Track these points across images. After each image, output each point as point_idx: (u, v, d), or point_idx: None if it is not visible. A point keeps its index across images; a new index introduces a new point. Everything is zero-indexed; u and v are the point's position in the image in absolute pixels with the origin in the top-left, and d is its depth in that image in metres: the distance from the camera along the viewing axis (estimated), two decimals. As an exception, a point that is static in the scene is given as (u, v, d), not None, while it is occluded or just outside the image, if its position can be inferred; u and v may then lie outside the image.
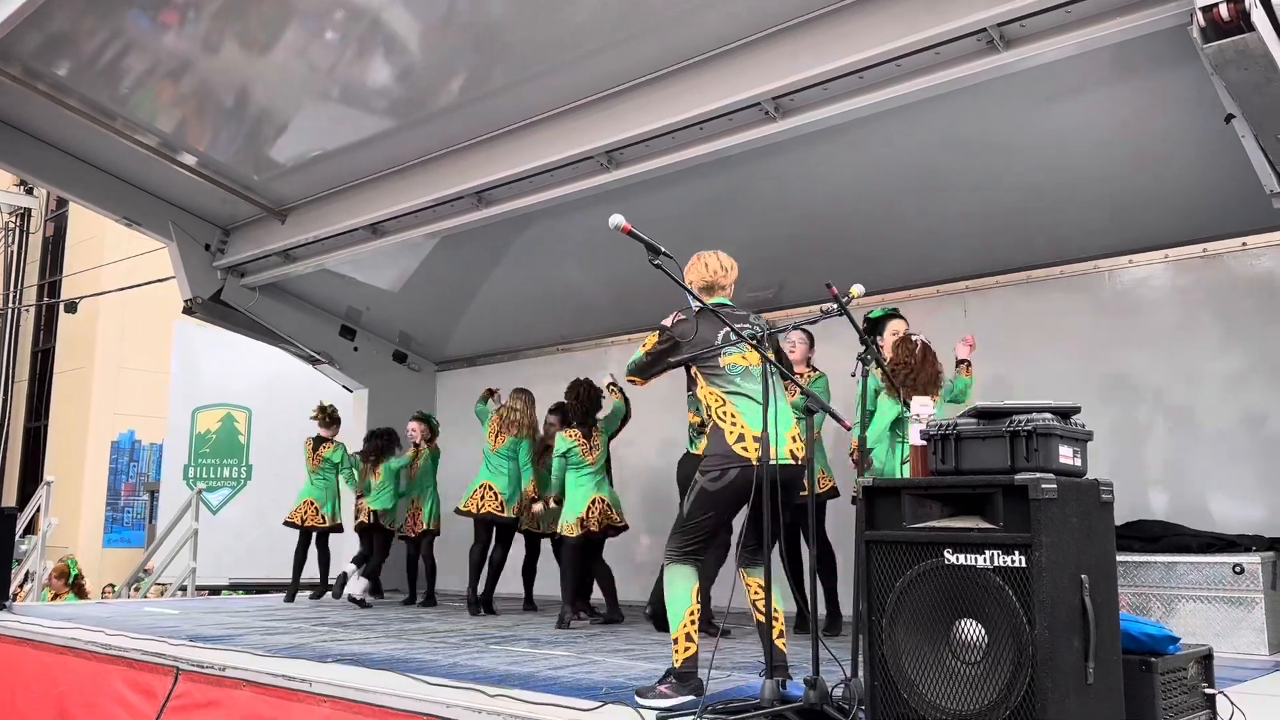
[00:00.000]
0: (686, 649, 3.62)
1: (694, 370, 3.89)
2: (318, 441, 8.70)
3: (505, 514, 7.38)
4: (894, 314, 5.73)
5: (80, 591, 11.22)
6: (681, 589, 3.70)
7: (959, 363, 5.49)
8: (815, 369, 6.21)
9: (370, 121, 6.88)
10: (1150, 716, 2.73)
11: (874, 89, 5.03)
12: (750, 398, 3.73)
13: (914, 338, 5.48)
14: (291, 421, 9.05)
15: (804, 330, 6.05)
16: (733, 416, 3.71)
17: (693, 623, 3.66)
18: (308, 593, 8.86)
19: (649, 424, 7.62)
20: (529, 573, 7.88)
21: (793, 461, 3.65)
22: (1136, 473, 6.06)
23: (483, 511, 7.35)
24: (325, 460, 8.65)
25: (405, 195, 7.26)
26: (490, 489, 7.38)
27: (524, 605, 7.82)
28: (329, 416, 8.85)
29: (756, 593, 3.77)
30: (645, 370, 4.02)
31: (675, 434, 6.91)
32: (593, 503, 6.73)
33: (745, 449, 3.64)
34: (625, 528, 6.99)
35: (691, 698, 3.48)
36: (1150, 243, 6.15)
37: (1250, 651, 4.77)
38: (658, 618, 5.81)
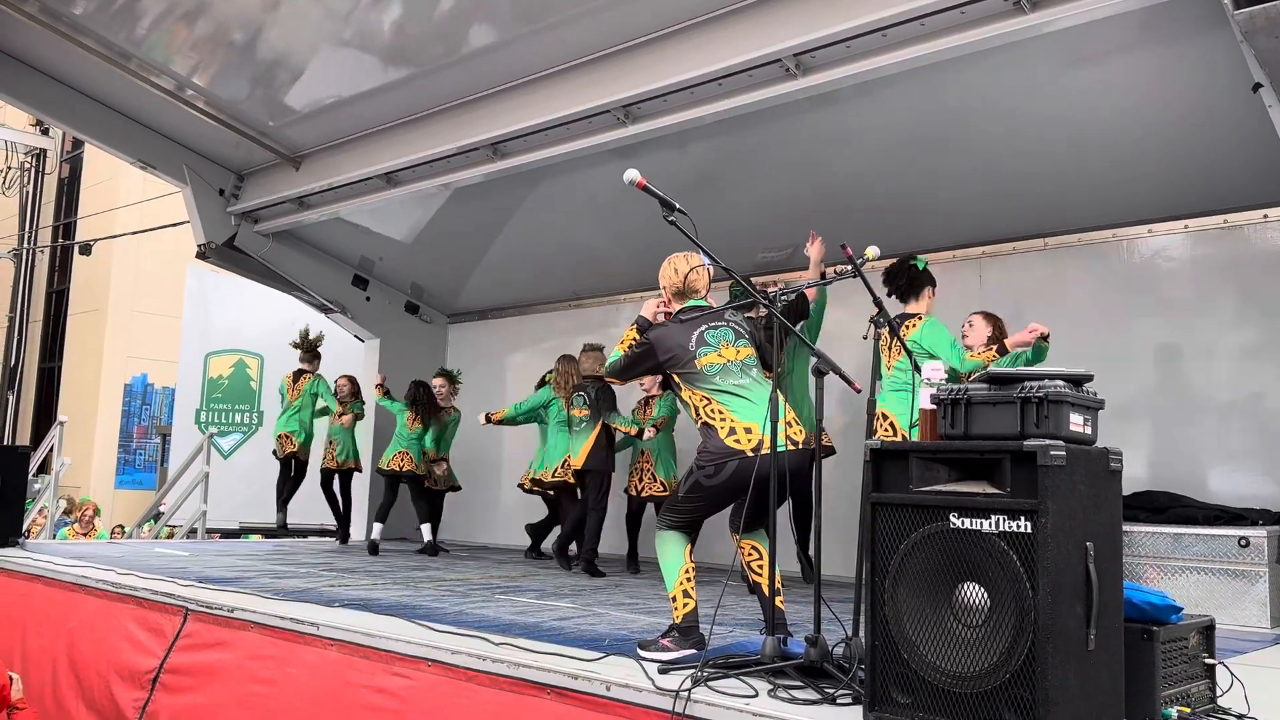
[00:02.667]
0: (685, 604, 3.67)
1: (674, 376, 3.91)
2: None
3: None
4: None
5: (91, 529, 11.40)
6: (674, 550, 3.76)
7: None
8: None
9: (387, 69, 6.83)
10: (1149, 684, 2.74)
11: (897, 48, 4.97)
12: (732, 392, 3.77)
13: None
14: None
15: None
16: (720, 413, 3.74)
17: (688, 579, 3.71)
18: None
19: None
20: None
21: (792, 447, 3.67)
22: (1146, 443, 6.04)
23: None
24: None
25: (420, 145, 7.22)
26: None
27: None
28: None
29: (750, 554, 3.82)
30: (624, 373, 4.10)
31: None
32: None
33: (738, 441, 3.67)
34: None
35: (693, 651, 3.52)
36: (1170, 212, 6.09)
37: (1253, 624, 4.78)
38: None
